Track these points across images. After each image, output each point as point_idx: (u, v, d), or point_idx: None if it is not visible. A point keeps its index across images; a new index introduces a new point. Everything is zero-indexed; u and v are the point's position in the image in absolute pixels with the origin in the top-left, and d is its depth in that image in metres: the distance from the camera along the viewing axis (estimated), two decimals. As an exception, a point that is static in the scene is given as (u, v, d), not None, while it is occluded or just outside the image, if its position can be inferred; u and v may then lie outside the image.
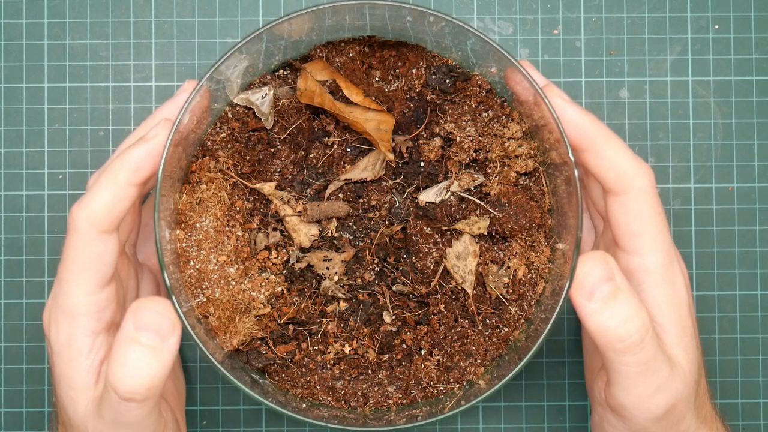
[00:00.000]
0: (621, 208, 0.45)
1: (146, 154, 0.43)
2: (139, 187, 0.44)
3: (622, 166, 0.45)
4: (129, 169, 0.43)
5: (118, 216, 0.44)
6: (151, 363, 0.40)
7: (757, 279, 0.57)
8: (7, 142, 0.56)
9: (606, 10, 0.57)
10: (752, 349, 0.57)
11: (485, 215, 0.49)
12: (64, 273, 0.44)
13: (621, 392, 0.44)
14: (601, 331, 0.42)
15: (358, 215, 0.50)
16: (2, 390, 0.56)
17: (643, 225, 0.45)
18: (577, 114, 0.45)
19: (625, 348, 0.42)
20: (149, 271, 0.51)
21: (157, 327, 0.40)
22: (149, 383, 0.40)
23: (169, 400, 0.50)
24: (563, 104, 0.45)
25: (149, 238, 0.52)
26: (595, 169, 0.45)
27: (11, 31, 0.57)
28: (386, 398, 0.49)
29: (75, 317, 0.44)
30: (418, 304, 0.50)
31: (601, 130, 0.45)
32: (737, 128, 0.57)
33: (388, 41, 0.50)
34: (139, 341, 0.40)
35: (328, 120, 0.50)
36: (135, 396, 0.40)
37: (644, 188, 0.45)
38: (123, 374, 0.40)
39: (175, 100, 0.47)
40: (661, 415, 0.44)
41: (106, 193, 0.43)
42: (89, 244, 0.43)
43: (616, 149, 0.45)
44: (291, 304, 0.49)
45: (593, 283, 0.42)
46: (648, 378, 0.43)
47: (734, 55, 0.57)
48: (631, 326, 0.42)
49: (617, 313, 0.42)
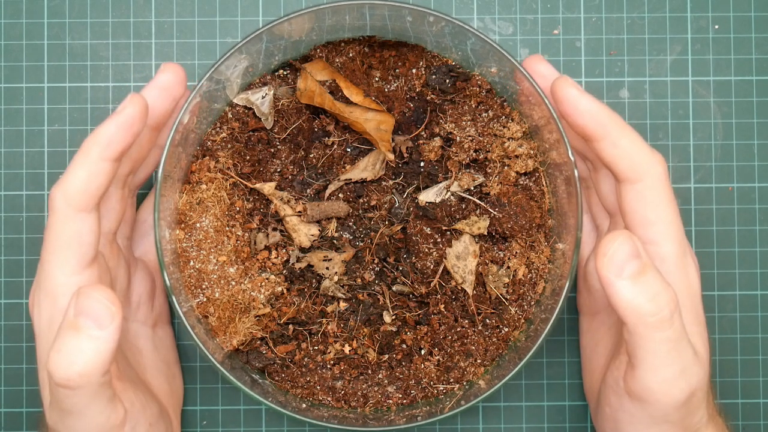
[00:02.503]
0: (637, 197, 0.45)
1: (116, 128, 0.43)
2: (113, 163, 0.43)
3: (638, 154, 0.45)
4: (101, 144, 0.43)
5: (95, 193, 0.43)
6: (86, 351, 0.39)
7: (757, 279, 0.57)
8: (7, 142, 0.56)
9: (606, 10, 0.57)
10: (752, 349, 0.57)
11: (485, 215, 0.49)
12: (45, 254, 0.44)
13: (647, 373, 0.43)
14: (633, 307, 0.42)
15: (358, 215, 0.50)
16: (2, 390, 0.56)
17: (659, 213, 0.45)
18: (591, 104, 0.45)
19: (657, 323, 0.42)
20: (145, 267, 0.51)
21: (95, 314, 0.39)
22: (83, 370, 0.39)
23: (162, 400, 0.50)
24: (578, 95, 0.45)
25: (147, 234, 0.52)
26: (610, 157, 0.45)
27: (11, 31, 0.57)
28: (386, 398, 0.49)
29: (56, 298, 0.43)
30: (418, 304, 0.50)
31: (615, 120, 0.45)
32: (737, 128, 0.57)
33: (388, 41, 0.50)
34: (77, 327, 0.39)
35: (328, 120, 0.50)
36: (69, 383, 0.39)
37: (659, 176, 0.45)
38: (57, 360, 0.39)
39: (154, 82, 0.46)
40: (683, 401, 0.44)
41: (81, 171, 0.43)
42: (67, 222, 0.43)
43: (631, 138, 0.45)
44: (291, 304, 0.49)
45: (622, 259, 0.42)
46: (675, 358, 0.43)
47: (734, 55, 0.57)
48: (661, 300, 0.42)
49: (647, 288, 0.42)
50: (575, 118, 0.45)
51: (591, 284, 0.51)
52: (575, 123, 0.45)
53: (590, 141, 0.45)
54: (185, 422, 0.56)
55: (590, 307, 0.52)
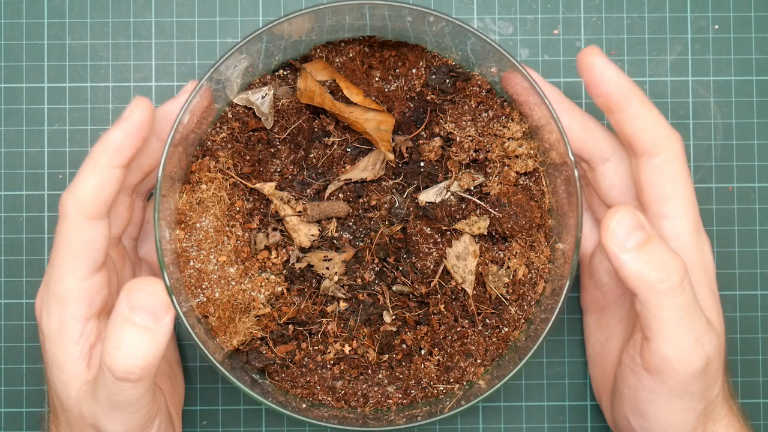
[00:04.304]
0: (655, 171, 0.46)
1: (125, 134, 0.43)
2: (122, 169, 0.44)
3: (659, 128, 0.45)
4: (110, 151, 0.43)
5: (106, 201, 0.43)
6: (145, 343, 0.40)
7: (757, 279, 0.57)
8: (7, 142, 0.56)
9: (606, 10, 0.57)
10: (752, 349, 0.57)
11: (485, 215, 0.49)
12: (55, 259, 0.44)
13: (663, 343, 0.43)
14: (641, 276, 0.42)
15: (358, 215, 0.50)
16: (2, 390, 0.56)
17: (676, 188, 0.45)
18: (617, 74, 0.45)
19: (667, 289, 0.42)
20: (148, 267, 0.52)
21: (150, 307, 0.40)
22: (144, 363, 0.40)
23: (165, 399, 0.50)
24: (605, 63, 0.45)
25: (149, 234, 0.52)
26: (631, 129, 0.45)
27: (11, 31, 0.57)
28: (386, 398, 0.49)
29: (66, 303, 0.44)
30: (418, 304, 0.50)
31: (639, 93, 0.45)
32: (737, 128, 0.57)
33: (388, 41, 0.50)
34: (134, 322, 0.40)
35: (328, 120, 0.50)
36: (130, 376, 0.40)
37: (678, 152, 0.46)
38: (118, 355, 0.40)
39: (177, 100, 0.47)
40: (701, 369, 0.44)
41: (91, 179, 0.43)
42: (79, 230, 0.43)
43: (652, 111, 0.45)
44: (291, 304, 0.49)
45: (626, 231, 0.42)
46: (689, 325, 0.43)
47: (734, 55, 0.57)
48: (670, 267, 0.42)
49: (654, 257, 0.42)
50: (600, 86, 0.45)
51: (598, 278, 0.51)
52: (600, 92, 0.45)
53: (612, 112, 0.46)
54: (185, 422, 0.56)
55: (597, 302, 0.52)
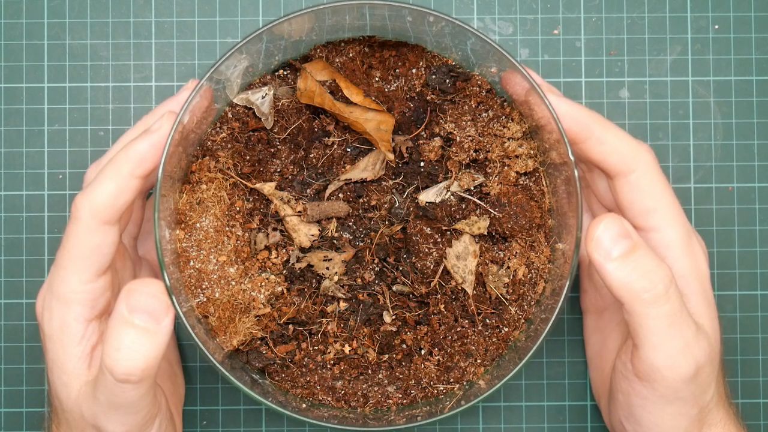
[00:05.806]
0: (632, 188, 0.46)
1: (150, 147, 0.44)
2: (142, 180, 0.44)
3: (625, 146, 0.45)
4: (133, 162, 0.43)
5: (121, 208, 0.44)
6: (145, 345, 0.40)
7: (757, 279, 0.57)
8: (7, 142, 0.56)
9: (606, 10, 0.57)
10: (752, 349, 0.57)
11: (485, 215, 0.49)
12: (62, 260, 0.44)
13: (651, 351, 0.43)
14: (625, 285, 0.42)
15: (358, 215, 0.50)
16: (2, 390, 0.56)
17: (657, 199, 0.45)
18: (570, 107, 0.45)
19: (652, 298, 0.42)
20: (148, 266, 0.52)
21: (150, 309, 0.41)
22: (144, 365, 0.40)
23: (166, 398, 0.50)
24: (556, 100, 0.45)
25: (150, 233, 0.52)
26: (599, 155, 0.46)
27: (11, 31, 0.57)
28: (386, 398, 0.49)
29: (69, 304, 0.44)
30: (418, 304, 0.50)
31: (596, 119, 0.46)
32: (737, 128, 0.57)
33: (388, 41, 0.50)
34: (133, 323, 0.40)
35: (328, 120, 0.50)
36: (130, 377, 0.40)
37: (650, 164, 0.46)
38: (118, 356, 0.40)
39: (177, 98, 0.47)
40: (690, 376, 0.44)
41: (110, 185, 0.43)
42: (90, 234, 0.43)
43: (615, 132, 0.46)
44: (291, 304, 0.49)
45: (611, 239, 0.42)
46: (676, 332, 0.43)
47: (734, 55, 0.57)
48: (654, 276, 0.42)
49: (639, 266, 0.42)
50: None
51: (597, 281, 0.51)
52: None
53: (576, 143, 0.46)
54: (185, 422, 0.56)
55: (596, 304, 0.52)
